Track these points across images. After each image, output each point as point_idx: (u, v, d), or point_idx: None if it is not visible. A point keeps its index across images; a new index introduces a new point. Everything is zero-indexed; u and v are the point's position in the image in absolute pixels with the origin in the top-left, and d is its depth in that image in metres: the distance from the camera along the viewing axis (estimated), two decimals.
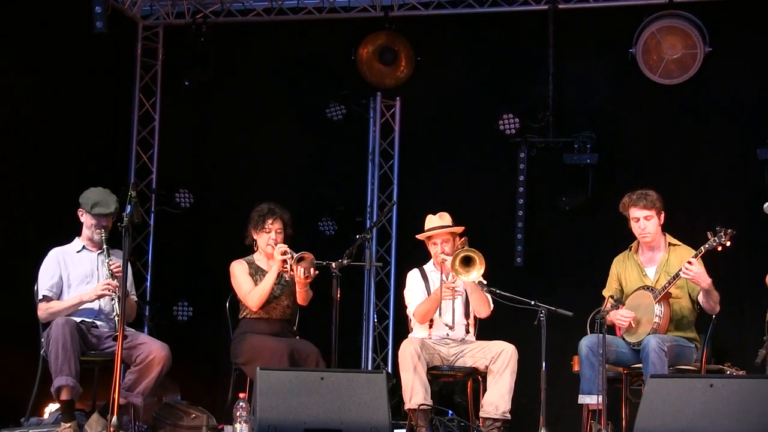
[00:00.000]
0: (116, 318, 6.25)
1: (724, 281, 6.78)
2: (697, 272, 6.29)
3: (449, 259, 6.73)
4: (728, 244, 6.24)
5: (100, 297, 6.49)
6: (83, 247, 6.71)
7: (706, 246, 6.30)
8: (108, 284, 6.41)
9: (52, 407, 7.15)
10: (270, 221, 6.90)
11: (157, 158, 9.75)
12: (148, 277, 9.65)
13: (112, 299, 6.40)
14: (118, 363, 5.88)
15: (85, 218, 6.67)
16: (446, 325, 6.87)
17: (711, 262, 6.53)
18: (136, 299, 6.97)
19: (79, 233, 6.74)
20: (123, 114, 9.63)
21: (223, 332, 7.11)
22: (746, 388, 5.03)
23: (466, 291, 6.89)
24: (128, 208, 5.99)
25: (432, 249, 7.00)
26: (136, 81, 9.68)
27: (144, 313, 9.27)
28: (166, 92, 9.74)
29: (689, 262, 6.29)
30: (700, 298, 6.49)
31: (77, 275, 6.63)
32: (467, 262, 6.64)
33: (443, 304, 6.82)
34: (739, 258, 7.45)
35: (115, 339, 6.02)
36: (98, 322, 6.56)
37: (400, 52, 9.30)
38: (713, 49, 8.58)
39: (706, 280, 6.34)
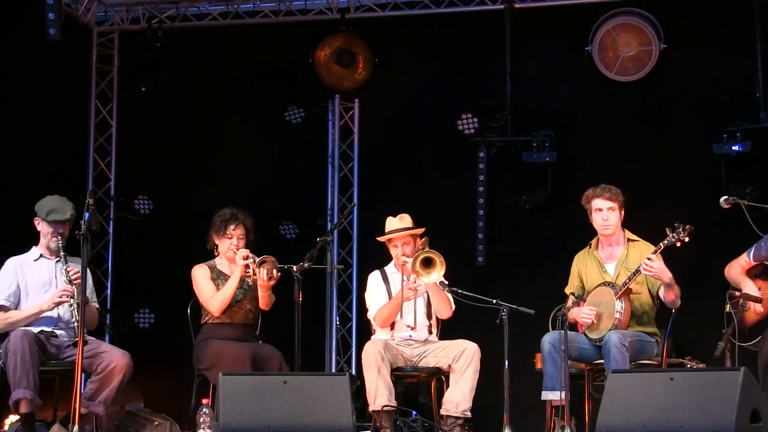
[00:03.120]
0: (76, 325, 6.20)
1: (684, 276, 6.81)
2: (657, 267, 6.34)
3: (410, 260, 6.73)
4: (687, 239, 6.30)
5: (58, 304, 6.44)
6: (41, 256, 6.65)
7: (665, 242, 6.36)
8: (65, 290, 6.36)
9: (12, 419, 7.07)
10: (232, 227, 6.87)
11: (115, 165, 9.68)
12: (109, 285, 9.58)
13: (71, 306, 6.34)
14: (78, 372, 5.84)
15: (42, 226, 6.62)
16: (408, 326, 6.86)
17: (670, 257, 6.58)
18: (96, 307, 6.90)
19: (36, 242, 6.69)
20: (79, 121, 9.55)
21: (186, 338, 7.06)
22: (706, 380, 5.06)
23: (427, 292, 6.89)
24: (86, 216, 5.95)
25: (393, 251, 7.00)
26: (91, 88, 9.61)
27: (105, 321, 9.19)
28: (122, 99, 9.68)
29: (649, 258, 6.34)
30: (662, 293, 6.54)
31: (35, 284, 6.58)
32: (427, 263, 6.64)
33: (405, 305, 6.82)
34: (698, 253, 7.48)
35: (75, 347, 5.96)
36: (58, 331, 6.51)
37: (358, 54, 9.31)
38: (668, 45, 8.66)
39: (667, 275, 6.39)
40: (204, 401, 6.23)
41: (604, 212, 6.67)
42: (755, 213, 6.18)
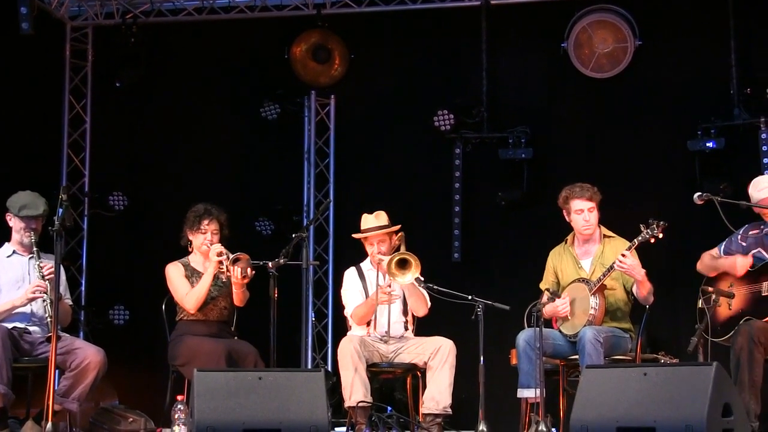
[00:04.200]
0: (49, 321, 6.16)
1: (658, 272, 6.85)
2: (630, 264, 6.37)
3: (386, 259, 6.74)
4: (661, 236, 6.32)
5: (31, 300, 6.40)
6: (13, 252, 6.61)
7: (639, 238, 6.38)
8: (38, 286, 6.33)
9: None
10: (206, 222, 6.84)
11: (90, 161, 9.64)
12: (83, 282, 9.53)
13: (45, 302, 6.31)
14: (51, 368, 5.81)
15: (14, 222, 6.58)
16: (384, 333, 6.86)
17: (645, 253, 6.62)
18: (70, 303, 6.88)
19: (8, 238, 6.65)
20: (53, 117, 9.50)
21: (161, 335, 7.04)
22: (679, 375, 5.09)
23: (404, 291, 6.89)
24: (60, 212, 5.92)
25: (369, 249, 6.99)
26: (65, 83, 9.56)
27: (79, 318, 9.15)
28: (96, 94, 9.63)
29: (623, 255, 6.36)
30: (635, 290, 6.57)
31: (8, 280, 6.54)
32: (402, 264, 6.65)
33: (378, 309, 6.82)
34: (672, 248, 7.53)
35: (49, 343, 5.93)
36: (31, 328, 6.48)
37: (334, 50, 9.29)
38: (643, 42, 8.69)
39: (640, 272, 6.43)
40: (179, 397, 6.21)
41: (585, 213, 6.68)
42: (728, 209, 6.22)
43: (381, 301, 6.76)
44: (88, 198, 9.58)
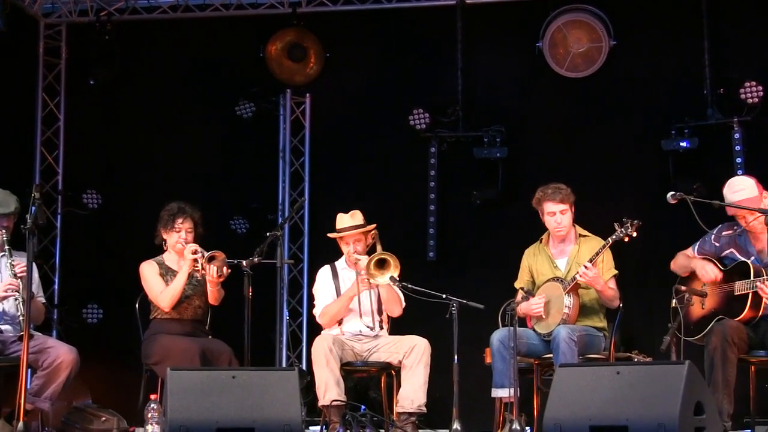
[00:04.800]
0: (22, 320, 6.13)
1: (631, 270, 6.89)
2: (591, 277, 6.45)
3: (363, 258, 6.74)
4: (635, 234, 6.37)
5: (3, 299, 6.37)
6: None
7: (614, 237, 6.43)
8: (10, 284, 6.30)
9: None
10: (180, 220, 6.83)
11: (63, 159, 9.58)
12: (56, 280, 9.48)
13: (17, 300, 6.27)
14: (23, 368, 5.78)
15: None
16: (368, 326, 6.88)
17: (619, 252, 6.65)
18: (43, 302, 6.84)
19: None
20: (26, 114, 9.43)
21: (134, 334, 7.02)
22: (651, 374, 5.11)
23: (379, 291, 6.90)
24: (32, 210, 5.89)
25: (344, 248, 6.99)
26: (39, 80, 9.49)
27: (52, 316, 9.10)
28: (70, 92, 9.57)
29: (586, 267, 6.41)
30: (600, 296, 6.63)
31: None
32: (381, 264, 6.65)
33: (362, 297, 6.83)
34: (646, 247, 7.57)
35: (21, 342, 5.90)
36: (3, 326, 6.46)
37: (309, 49, 9.27)
38: (618, 42, 8.71)
39: (599, 283, 6.52)
40: (152, 396, 6.20)
41: (557, 215, 6.72)
42: (701, 209, 6.25)
43: (362, 289, 6.77)
44: (61, 196, 9.53)
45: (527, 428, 6.27)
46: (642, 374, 5.14)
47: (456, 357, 6.16)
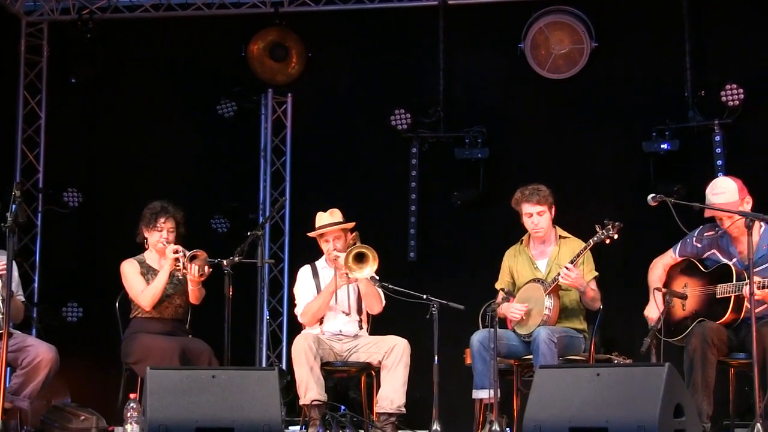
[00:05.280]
0: (1, 318, 6.11)
1: (612, 272, 6.91)
2: (573, 278, 6.46)
3: (342, 255, 6.73)
4: (616, 236, 6.39)
5: None
6: None
7: (595, 239, 6.45)
8: None
9: None
10: (162, 220, 6.82)
11: (44, 157, 9.56)
12: (36, 279, 9.45)
13: None
14: (2, 366, 5.76)
15: None
16: (343, 312, 6.88)
17: (600, 254, 6.67)
18: (23, 300, 6.81)
19: None
20: (7, 112, 9.39)
21: (114, 332, 7.00)
22: (631, 376, 5.13)
23: (359, 287, 6.90)
24: (13, 208, 5.87)
25: (324, 246, 6.98)
26: (20, 78, 9.47)
27: (32, 315, 9.06)
28: (52, 90, 9.55)
29: (567, 268, 6.43)
30: (582, 297, 6.64)
31: None
32: (360, 258, 6.65)
33: (339, 293, 6.82)
34: (627, 249, 7.60)
35: (0, 340, 5.88)
36: None
37: (291, 48, 9.26)
38: (599, 44, 8.74)
39: (581, 284, 6.52)
40: (131, 396, 6.18)
41: (534, 217, 6.73)
42: (682, 211, 6.26)
43: (341, 284, 6.77)
44: (42, 194, 9.50)
45: (507, 429, 6.28)
46: (622, 376, 5.15)
47: (436, 358, 6.17)
